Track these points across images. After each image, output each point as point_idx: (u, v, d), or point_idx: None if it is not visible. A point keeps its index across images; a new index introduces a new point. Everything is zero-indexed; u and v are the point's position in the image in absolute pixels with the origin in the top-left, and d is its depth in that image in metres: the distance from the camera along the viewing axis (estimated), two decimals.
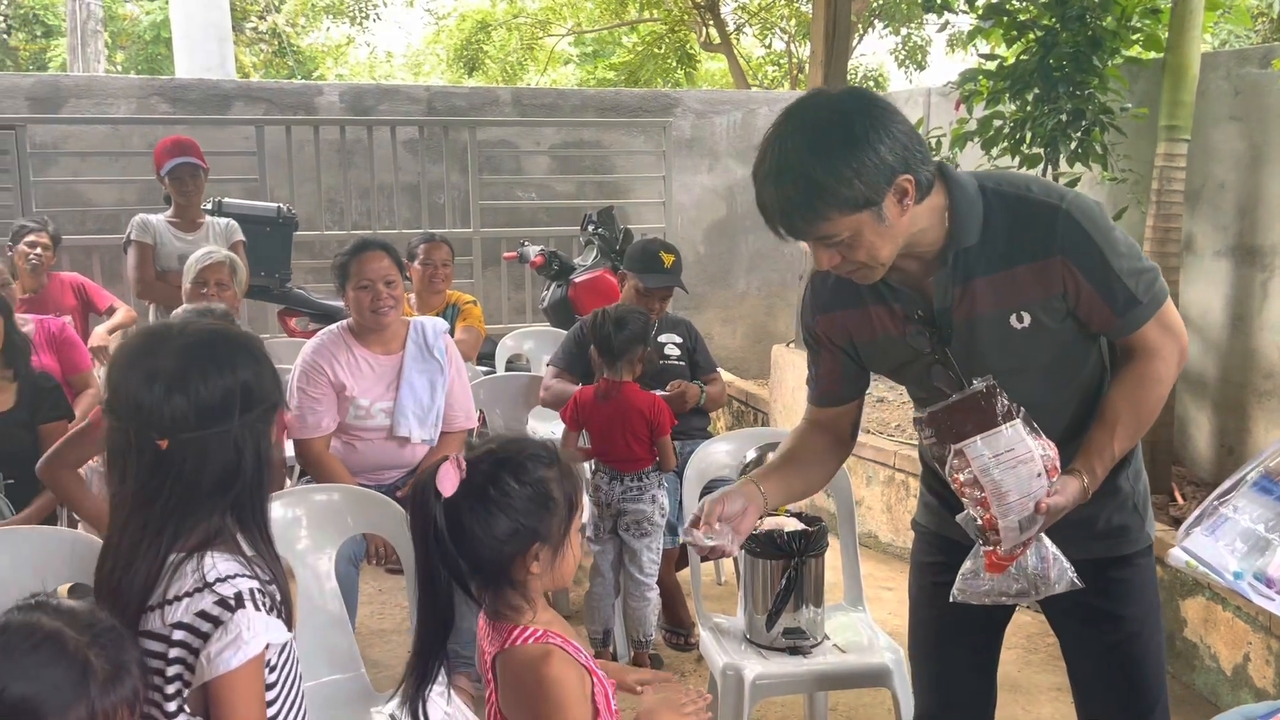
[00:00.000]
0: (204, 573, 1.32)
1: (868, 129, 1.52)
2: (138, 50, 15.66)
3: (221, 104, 6.47)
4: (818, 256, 1.62)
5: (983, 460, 1.56)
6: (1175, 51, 4.27)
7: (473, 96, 7.14)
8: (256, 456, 1.41)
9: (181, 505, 1.37)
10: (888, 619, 3.64)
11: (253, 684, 1.32)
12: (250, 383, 1.41)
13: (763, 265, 7.62)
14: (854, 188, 1.51)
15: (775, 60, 14.01)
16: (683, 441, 3.61)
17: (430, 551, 1.41)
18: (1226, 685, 3.04)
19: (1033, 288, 1.65)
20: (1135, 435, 1.71)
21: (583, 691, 1.44)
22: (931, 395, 1.76)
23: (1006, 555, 1.61)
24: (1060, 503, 1.59)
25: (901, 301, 1.73)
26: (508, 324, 6.16)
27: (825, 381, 1.91)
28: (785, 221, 1.58)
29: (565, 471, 1.49)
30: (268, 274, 4.98)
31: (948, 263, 1.66)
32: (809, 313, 1.89)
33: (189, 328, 1.45)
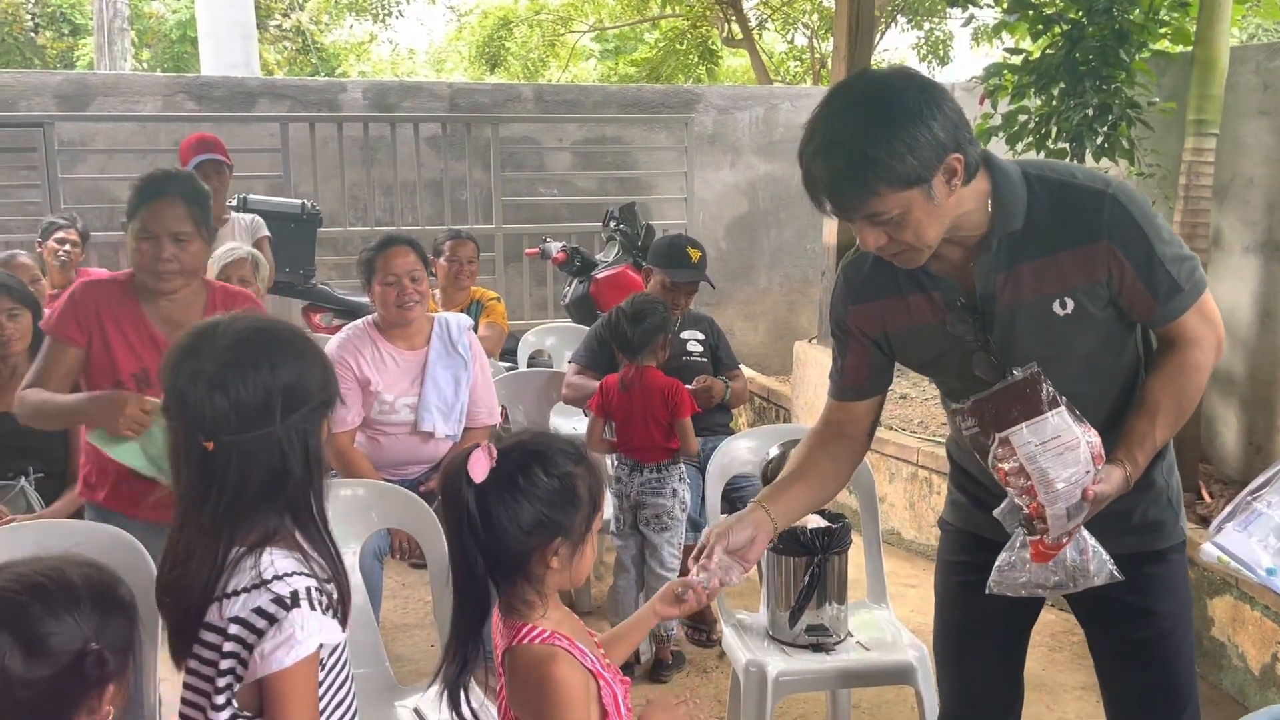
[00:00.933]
0: (261, 570, 1.32)
1: (921, 104, 1.50)
2: (163, 48, 15.79)
3: (246, 101, 6.52)
4: (864, 236, 1.60)
5: (1029, 448, 1.55)
6: (1203, 45, 4.22)
7: (495, 93, 7.16)
8: (305, 456, 1.39)
9: (231, 508, 1.36)
10: (911, 616, 3.62)
11: (306, 683, 1.32)
12: (293, 382, 1.40)
13: (784, 261, 7.61)
14: (906, 163, 1.49)
15: (798, 56, 13.96)
16: (705, 438, 3.61)
17: (464, 537, 1.43)
18: (1254, 685, 3.01)
19: (1077, 273, 1.64)
20: (1176, 424, 1.70)
21: (586, 695, 1.44)
22: (968, 386, 1.74)
23: (1054, 544, 1.59)
24: (1106, 490, 1.58)
25: (941, 289, 1.72)
26: (530, 320, 6.17)
27: (851, 374, 1.89)
28: (834, 197, 1.56)
29: (591, 470, 1.50)
30: (292, 270, 5.02)
31: (992, 248, 1.65)
32: (840, 303, 1.87)
33: (234, 325, 1.44)
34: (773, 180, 7.47)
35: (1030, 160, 1.74)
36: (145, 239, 2.39)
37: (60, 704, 1.28)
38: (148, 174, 2.52)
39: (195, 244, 2.44)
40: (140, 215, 2.41)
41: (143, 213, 2.41)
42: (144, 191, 2.44)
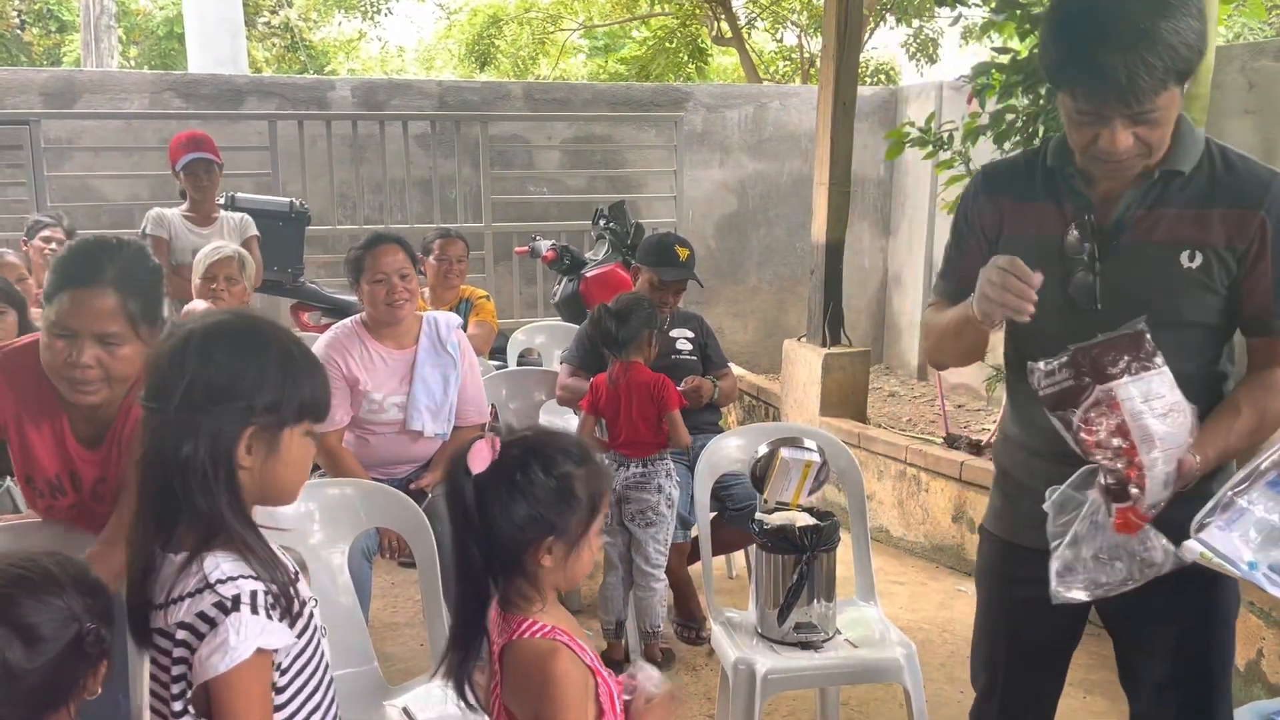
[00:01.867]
0: (206, 573, 1.30)
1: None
2: (151, 46, 15.72)
3: (234, 99, 6.50)
4: (1117, 137, 1.52)
5: (1134, 404, 1.45)
6: None
7: (484, 91, 7.15)
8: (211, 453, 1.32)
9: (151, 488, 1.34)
10: (899, 614, 3.64)
11: (248, 688, 1.30)
12: (222, 378, 1.34)
13: (774, 260, 7.62)
14: (1192, 54, 1.45)
15: (787, 54, 13.96)
16: (695, 436, 3.61)
17: (463, 526, 1.44)
18: (1240, 681, 3.03)
19: (1220, 229, 1.59)
20: (1251, 438, 1.63)
21: (585, 691, 1.45)
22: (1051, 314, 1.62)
23: (1145, 513, 1.49)
24: (1193, 468, 1.51)
25: (1076, 204, 1.67)
26: (519, 318, 6.17)
27: (965, 274, 1.74)
28: (1130, 87, 1.45)
29: (594, 473, 1.49)
30: (280, 269, 5.01)
31: (1153, 177, 1.61)
32: (972, 195, 1.81)
33: (222, 313, 1.44)
34: (762, 179, 7.48)
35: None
36: (60, 336, 1.87)
37: (64, 685, 1.32)
38: (75, 246, 1.97)
39: (127, 348, 1.90)
40: (57, 304, 1.87)
41: (62, 301, 1.86)
42: (66, 273, 1.89)
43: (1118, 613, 1.83)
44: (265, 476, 1.39)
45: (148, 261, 1.99)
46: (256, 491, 1.41)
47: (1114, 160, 1.57)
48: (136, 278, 1.92)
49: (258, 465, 1.38)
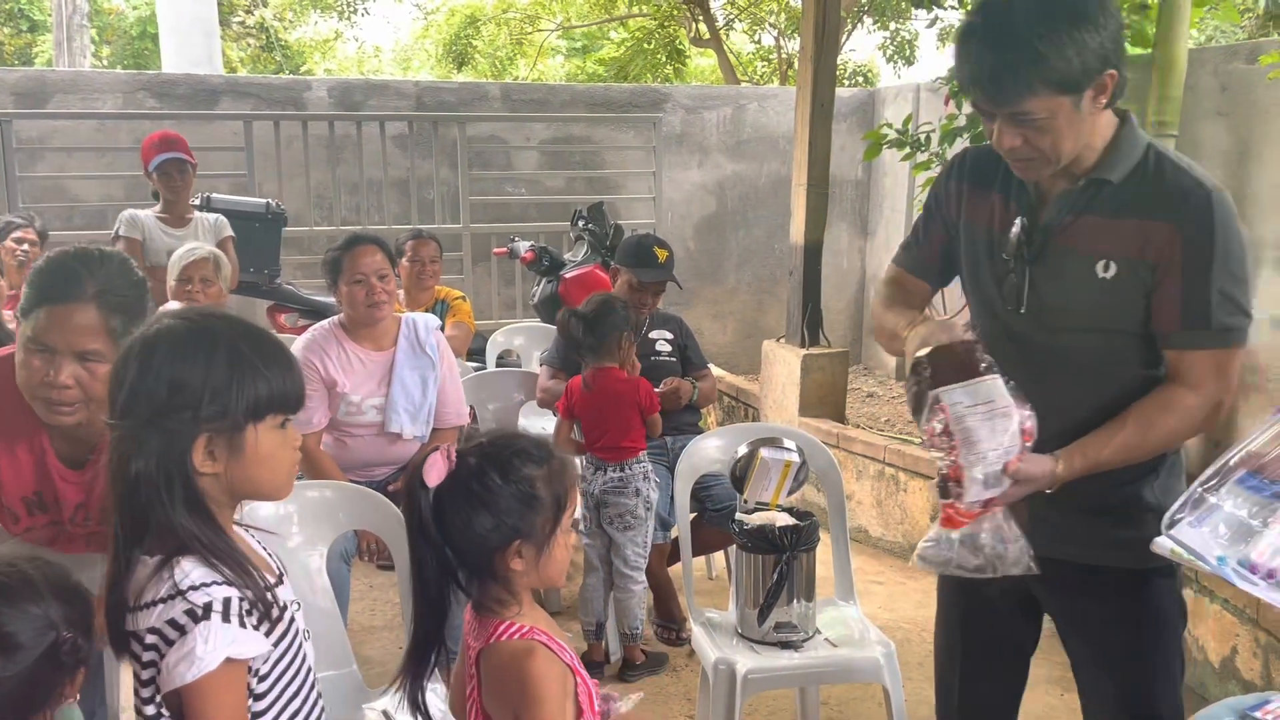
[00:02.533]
0: (176, 580, 1.27)
1: (1098, 11, 1.49)
2: (124, 45, 15.57)
3: (209, 99, 6.45)
4: (1001, 135, 1.58)
5: (959, 408, 1.55)
6: (1163, 47, 4.28)
7: (462, 92, 7.13)
8: (161, 467, 1.29)
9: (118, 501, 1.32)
10: (878, 613, 3.65)
11: (219, 696, 1.27)
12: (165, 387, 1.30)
13: (753, 261, 7.64)
14: (1071, 66, 1.48)
15: (765, 56, 14.01)
16: (674, 437, 3.62)
17: (416, 539, 1.43)
18: (1215, 678, 3.06)
19: (1134, 241, 1.60)
20: (1131, 454, 1.64)
21: (564, 690, 1.44)
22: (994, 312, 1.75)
23: (966, 511, 1.58)
24: (1028, 471, 1.56)
25: (1020, 202, 1.70)
26: (498, 319, 6.15)
27: (926, 250, 1.89)
28: (994, 86, 1.53)
29: (556, 471, 1.48)
30: (257, 270, 4.98)
31: (1078, 185, 1.64)
32: (944, 177, 1.86)
33: (175, 316, 1.39)
34: (741, 180, 7.50)
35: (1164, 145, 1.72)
36: (37, 352, 1.78)
37: (38, 693, 1.30)
38: (53, 259, 1.86)
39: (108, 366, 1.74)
40: (34, 320, 1.79)
41: (39, 317, 1.78)
42: (45, 288, 1.80)
43: (1057, 614, 1.87)
44: (237, 478, 1.35)
45: (131, 274, 1.90)
46: (232, 493, 1.37)
47: (1011, 159, 1.63)
48: (118, 292, 1.84)
49: (224, 469, 1.34)
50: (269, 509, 2.25)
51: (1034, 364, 1.69)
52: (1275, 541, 1.22)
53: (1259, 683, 2.84)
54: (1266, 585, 1.22)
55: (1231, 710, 2.15)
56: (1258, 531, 1.24)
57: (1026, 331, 1.71)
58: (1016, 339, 1.71)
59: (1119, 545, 1.72)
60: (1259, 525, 1.25)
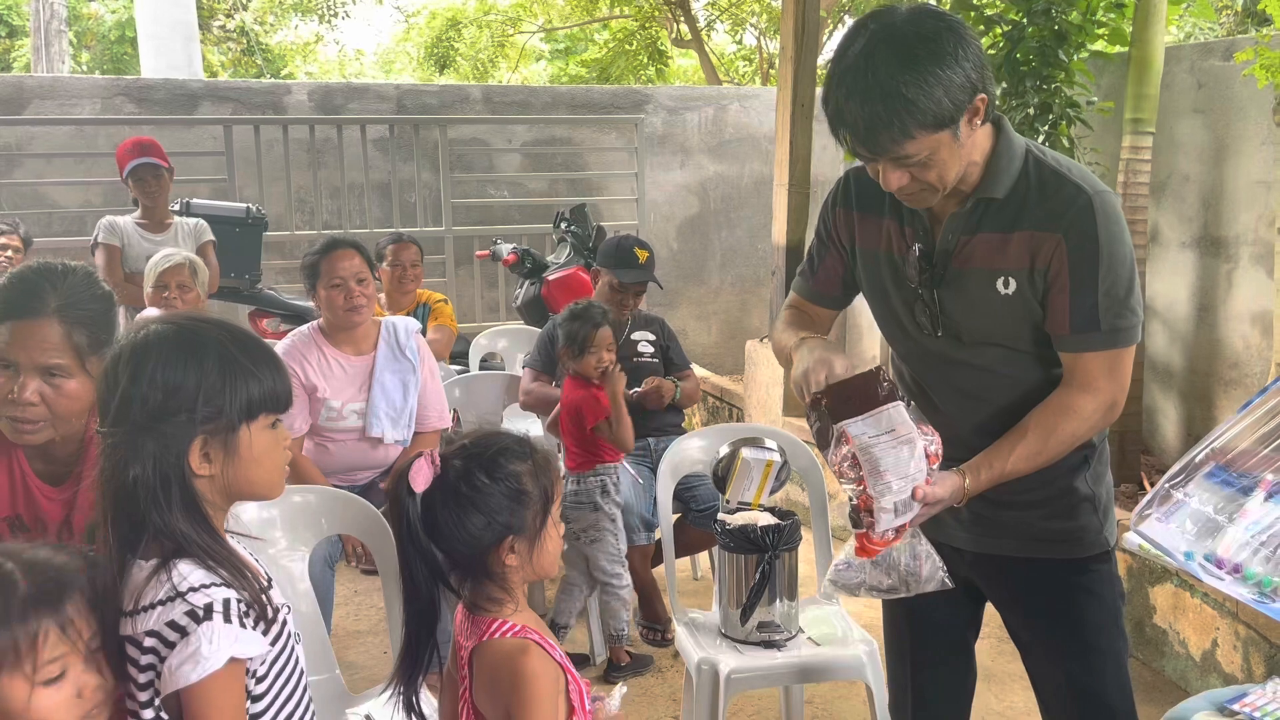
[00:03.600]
0: (175, 582, 1.28)
1: (956, 45, 1.50)
2: (103, 50, 15.48)
3: (188, 104, 6.42)
4: (887, 177, 1.59)
5: (863, 439, 1.56)
6: (1140, 45, 4.32)
7: (443, 94, 7.12)
8: (159, 472, 1.30)
9: (112, 507, 1.32)
10: (862, 611, 3.65)
11: (222, 697, 1.27)
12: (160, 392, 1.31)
13: (736, 261, 7.65)
14: (942, 105, 1.49)
15: (747, 56, 14.04)
16: (657, 438, 3.62)
17: (405, 544, 1.44)
18: (1195, 670, 3.08)
19: (1023, 254, 1.63)
20: (1034, 461, 1.66)
21: (557, 688, 1.45)
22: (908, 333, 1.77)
23: (879, 539, 1.60)
24: (936, 493, 1.59)
25: (915, 227, 1.72)
26: (481, 322, 6.14)
27: (821, 280, 1.91)
28: (869, 139, 1.54)
29: (540, 464, 1.50)
30: (237, 275, 4.95)
31: (965, 207, 1.65)
32: (831, 203, 1.87)
33: (160, 321, 1.39)
34: (723, 181, 7.51)
35: (1039, 145, 1.74)
36: (1, 369, 1.75)
37: None
38: (17, 274, 1.82)
39: (73, 382, 1.78)
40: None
41: (1, 333, 1.75)
42: (7, 302, 1.77)
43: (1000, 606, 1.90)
44: (232, 479, 1.37)
45: (96, 288, 1.86)
46: (227, 494, 1.38)
47: (902, 195, 1.64)
48: (82, 306, 1.80)
49: (219, 470, 1.35)
50: (251, 512, 2.24)
51: (955, 379, 1.74)
52: (1240, 536, 1.24)
53: (1239, 675, 2.86)
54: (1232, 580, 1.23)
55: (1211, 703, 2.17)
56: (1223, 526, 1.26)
57: (943, 350, 1.74)
58: (934, 358, 1.74)
59: (1056, 538, 1.76)
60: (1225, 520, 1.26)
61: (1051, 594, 1.77)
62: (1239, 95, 4.30)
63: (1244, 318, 4.37)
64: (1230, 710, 2.10)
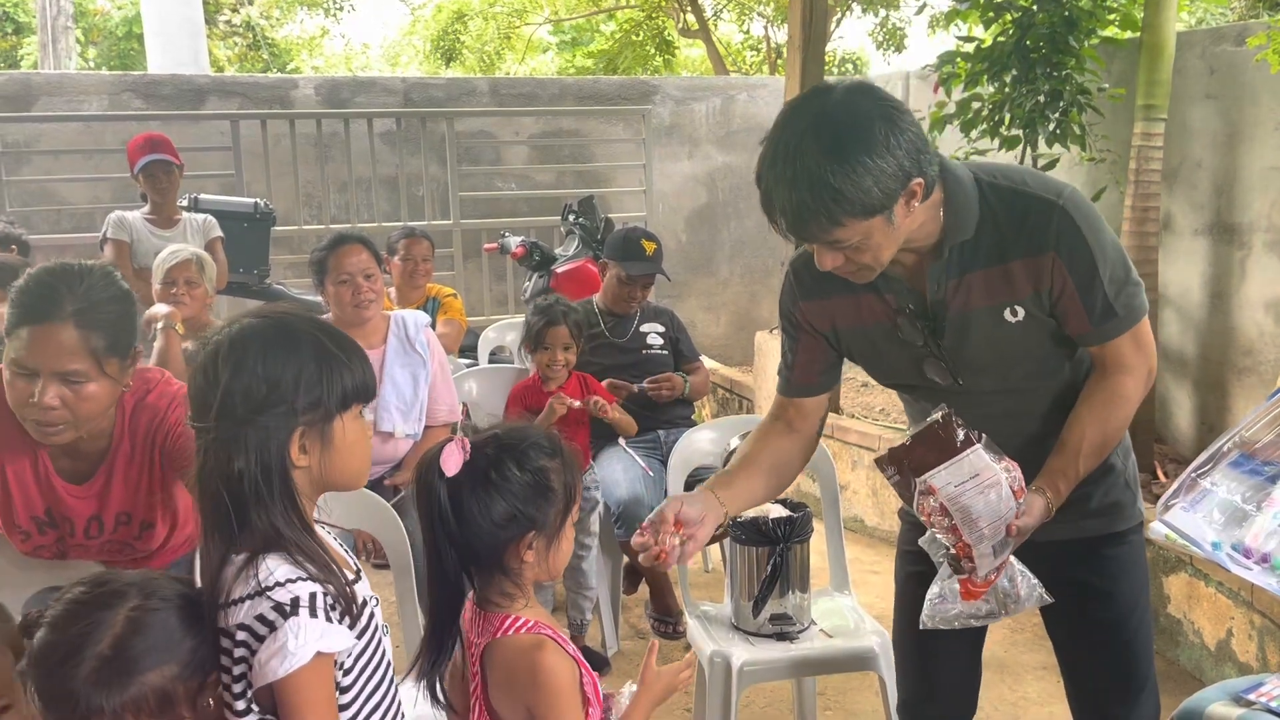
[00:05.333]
0: (261, 578, 1.29)
1: (886, 132, 1.48)
2: (109, 46, 15.49)
3: (195, 99, 6.42)
4: (821, 259, 1.59)
5: (949, 489, 1.55)
6: (1151, 31, 4.28)
7: (450, 87, 7.11)
8: (262, 463, 1.32)
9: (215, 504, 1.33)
10: (874, 603, 3.65)
11: (310, 691, 1.29)
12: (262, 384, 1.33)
13: (745, 252, 7.63)
14: (872, 195, 1.47)
15: (754, 45, 13.98)
16: (667, 430, 3.61)
17: (435, 529, 1.44)
18: (1210, 660, 3.07)
19: (1024, 283, 1.64)
20: (1101, 454, 1.70)
21: (574, 680, 1.45)
22: (919, 387, 1.77)
23: (983, 582, 1.61)
24: (1029, 523, 1.59)
25: (894, 292, 1.71)
26: (490, 316, 6.14)
27: (801, 370, 1.88)
28: (798, 227, 1.53)
29: (567, 464, 1.51)
30: (246, 270, 4.96)
31: (944, 256, 1.64)
32: (790, 298, 1.85)
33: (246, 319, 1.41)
34: (731, 171, 7.48)
35: (983, 164, 1.74)
36: (20, 374, 1.77)
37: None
38: (33, 277, 1.82)
39: (92, 385, 1.80)
40: (15, 341, 1.77)
41: (22, 337, 1.76)
42: (24, 307, 1.78)
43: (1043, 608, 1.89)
44: (326, 469, 1.39)
45: (114, 289, 1.85)
46: (319, 485, 1.40)
47: (840, 273, 1.63)
48: (100, 309, 1.80)
49: (316, 461, 1.37)
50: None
51: (990, 408, 1.73)
52: (1268, 525, 1.23)
53: (1254, 665, 2.84)
54: (1260, 569, 1.22)
55: (1225, 692, 2.15)
56: (1251, 515, 1.25)
57: (970, 391, 1.74)
58: (961, 398, 1.72)
59: (1097, 514, 1.79)
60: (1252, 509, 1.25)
61: (1090, 567, 1.79)
62: (1252, 80, 4.26)
63: (1257, 305, 4.33)
64: (1246, 700, 2.08)
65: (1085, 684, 1.90)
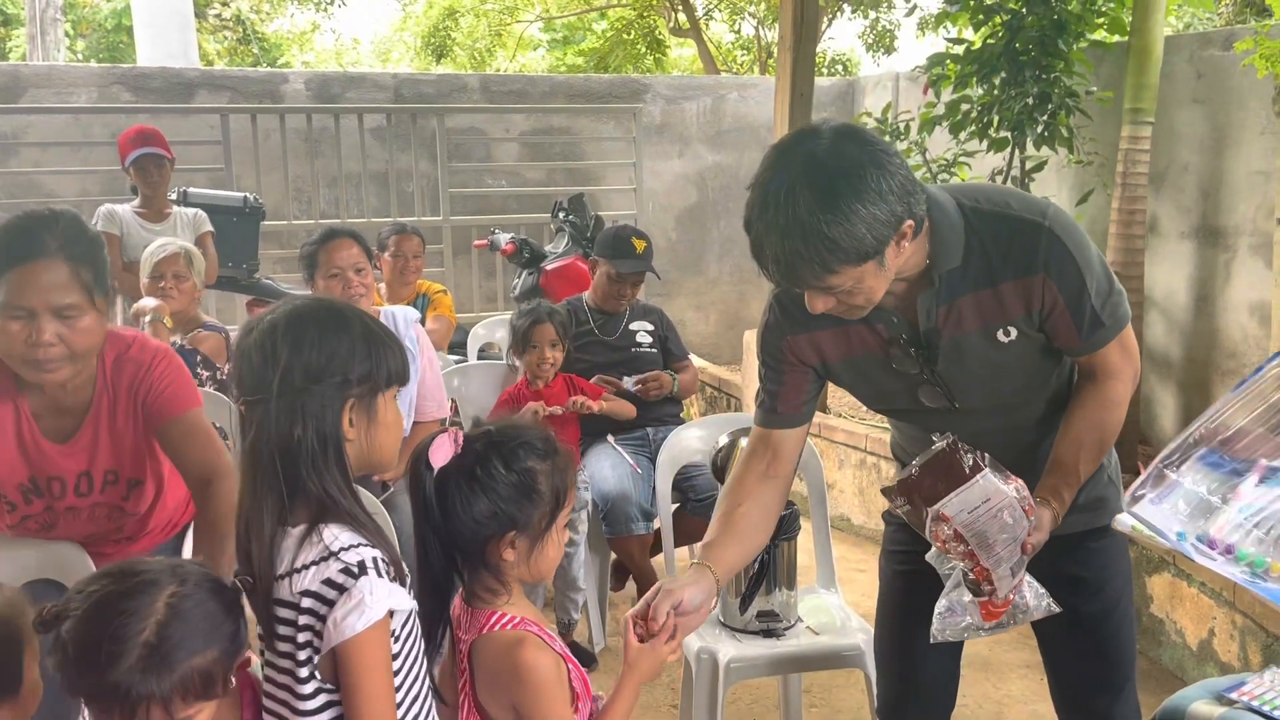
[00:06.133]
0: (327, 543, 1.33)
1: (878, 179, 1.47)
2: (99, 39, 15.41)
3: (185, 92, 6.39)
4: (812, 303, 1.59)
5: (963, 517, 1.54)
6: (1139, 34, 4.31)
7: (441, 83, 7.09)
8: (319, 432, 1.36)
9: (265, 474, 1.36)
10: (860, 600, 3.67)
11: (378, 650, 1.31)
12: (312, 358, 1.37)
13: (734, 250, 7.64)
14: (865, 242, 1.47)
15: (745, 45, 13.99)
16: (655, 428, 3.62)
17: (421, 520, 1.46)
18: (1192, 659, 3.09)
19: (1015, 304, 1.65)
20: (1099, 457, 1.72)
21: (559, 676, 1.46)
22: (913, 411, 1.78)
23: (1003, 601, 1.61)
24: (1041, 539, 1.59)
25: (885, 323, 1.71)
26: (479, 312, 6.14)
27: (787, 402, 1.84)
28: (790, 275, 1.53)
29: (560, 466, 1.50)
30: (235, 264, 4.94)
31: (934, 284, 1.65)
32: (776, 332, 1.82)
33: (291, 302, 1.46)
34: (721, 170, 7.49)
35: (963, 188, 1.74)
36: (15, 317, 1.80)
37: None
38: (9, 223, 1.87)
39: (87, 318, 1.84)
40: (5, 284, 1.79)
41: (9, 281, 1.79)
42: (8, 250, 1.81)
43: None
44: (370, 444, 1.42)
45: (87, 229, 1.91)
46: (362, 461, 1.43)
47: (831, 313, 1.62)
48: (81, 245, 1.86)
49: (361, 435, 1.41)
50: None
51: (984, 425, 1.74)
52: (1234, 518, 1.25)
53: (1236, 664, 2.87)
54: (1224, 560, 1.24)
55: (1208, 691, 2.17)
56: (1217, 508, 1.27)
57: (964, 411, 1.76)
58: (956, 419, 1.73)
59: (1084, 509, 1.79)
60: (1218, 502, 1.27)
61: (1077, 560, 1.82)
62: (1238, 85, 4.29)
63: (1242, 308, 4.37)
64: (1228, 699, 2.11)
65: (1070, 677, 1.92)
